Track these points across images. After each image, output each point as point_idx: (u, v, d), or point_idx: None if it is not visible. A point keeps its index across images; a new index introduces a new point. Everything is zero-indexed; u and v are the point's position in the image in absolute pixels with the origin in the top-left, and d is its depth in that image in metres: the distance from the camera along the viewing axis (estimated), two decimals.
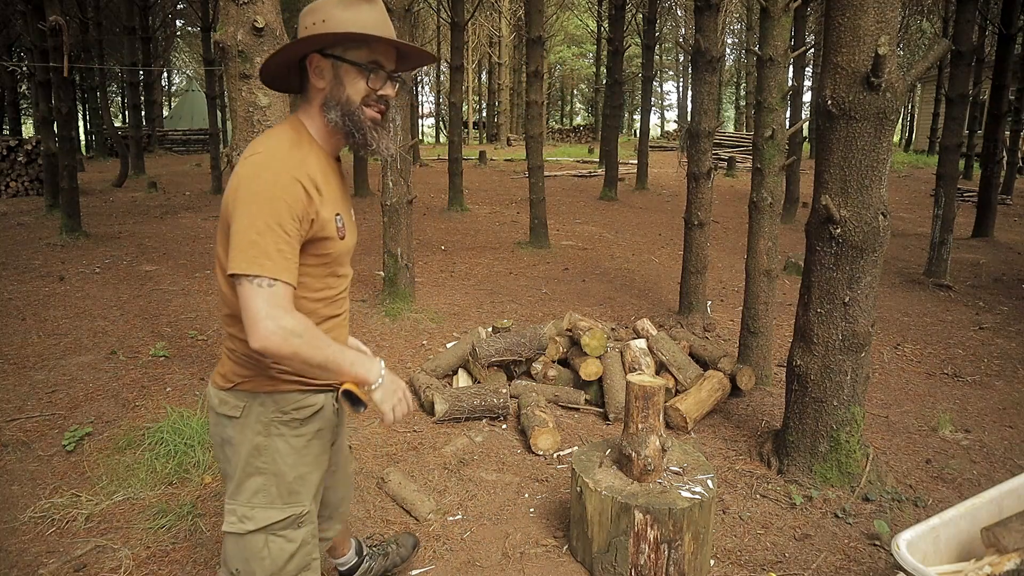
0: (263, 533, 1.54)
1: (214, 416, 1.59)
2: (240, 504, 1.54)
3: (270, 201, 1.38)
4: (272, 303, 1.36)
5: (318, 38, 1.47)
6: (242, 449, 1.53)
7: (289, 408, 1.55)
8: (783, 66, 4.21)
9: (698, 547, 2.37)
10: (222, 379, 1.57)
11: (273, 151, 1.44)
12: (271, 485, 1.54)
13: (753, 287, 4.31)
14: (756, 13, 18.50)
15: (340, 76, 1.51)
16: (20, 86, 25.62)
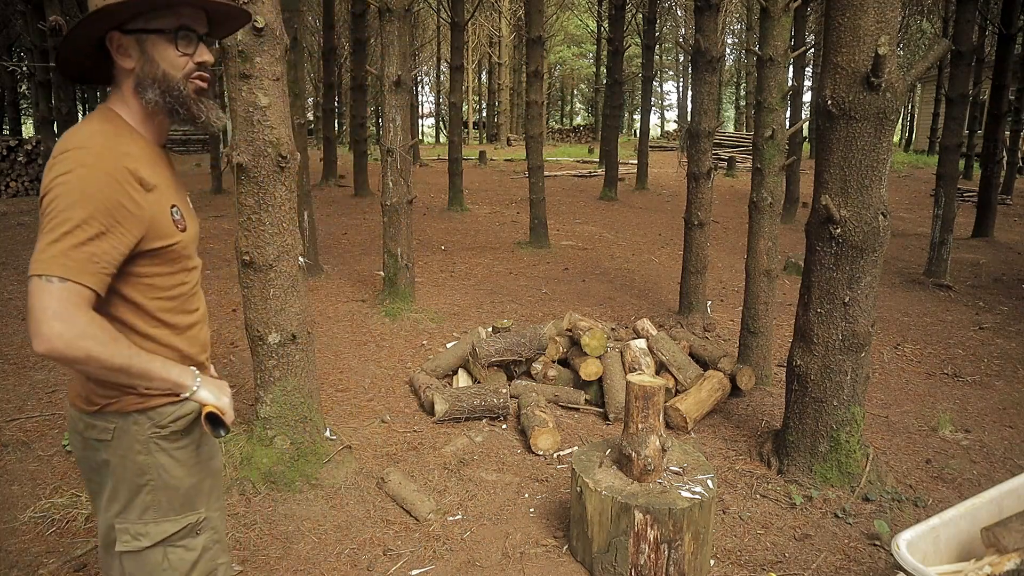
0: (160, 547, 1.46)
1: (81, 440, 1.46)
2: (131, 523, 1.44)
3: (82, 201, 1.22)
4: (63, 301, 1.20)
5: (110, 9, 1.27)
6: (122, 471, 1.42)
7: (166, 422, 1.44)
8: (783, 66, 4.21)
9: (698, 547, 2.37)
10: (84, 402, 1.43)
11: (87, 145, 1.27)
12: (161, 499, 1.45)
13: (753, 287, 4.31)
14: (756, 13, 18.50)
15: (148, 51, 1.34)
16: (20, 86, 25.62)
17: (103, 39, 1.34)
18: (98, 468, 1.46)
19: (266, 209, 2.90)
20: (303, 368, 3.13)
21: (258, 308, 2.99)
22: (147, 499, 1.44)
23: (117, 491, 1.44)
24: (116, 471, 1.43)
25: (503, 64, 32.83)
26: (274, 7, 2.85)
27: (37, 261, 1.20)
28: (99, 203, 1.23)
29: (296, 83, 6.11)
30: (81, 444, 1.47)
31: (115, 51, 1.34)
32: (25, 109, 27.44)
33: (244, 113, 2.82)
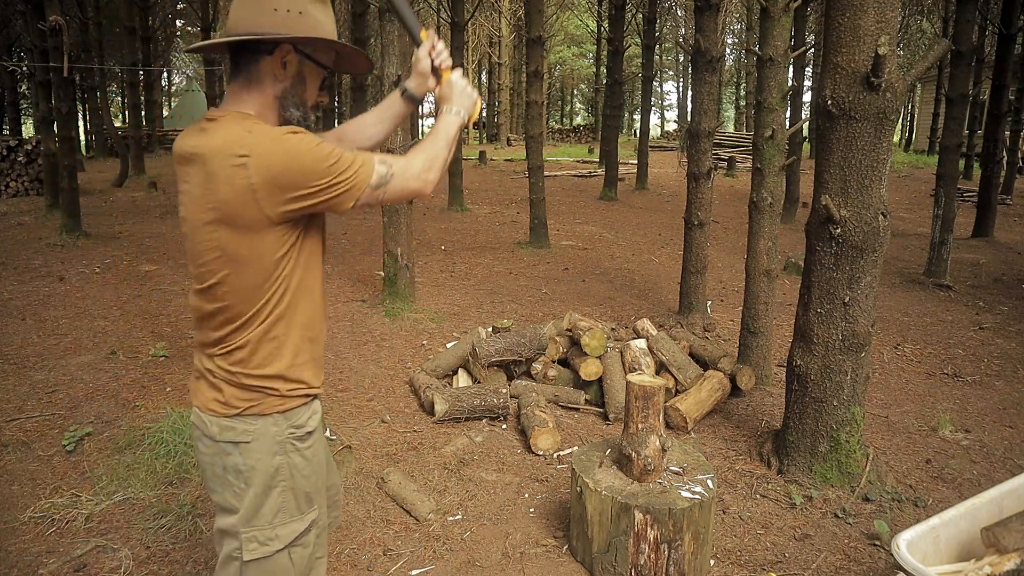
0: (287, 549, 1.50)
1: (211, 445, 1.47)
2: (260, 528, 1.46)
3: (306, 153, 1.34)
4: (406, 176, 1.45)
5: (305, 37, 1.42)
6: (257, 474, 1.46)
7: (302, 422, 1.51)
8: (783, 66, 4.21)
9: (698, 547, 2.37)
10: (222, 406, 1.46)
11: (264, 127, 1.37)
12: (290, 500, 1.50)
13: (753, 287, 4.31)
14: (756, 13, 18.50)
15: (304, 75, 1.48)
16: (20, 86, 25.63)
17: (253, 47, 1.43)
18: (223, 474, 1.47)
19: None
20: None
21: None
22: (278, 501, 1.48)
23: (243, 495, 1.46)
24: (250, 475, 1.46)
25: (503, 64, 32.82)
26: None
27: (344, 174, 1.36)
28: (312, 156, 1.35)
29: None
30: (212, 449, 1.48)
31: (277, 61, 1.43)
32: (25, 109, 27.44)
33: None
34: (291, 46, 1.43)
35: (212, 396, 1.48)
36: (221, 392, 1.46)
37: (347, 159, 1.37)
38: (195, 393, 1.52)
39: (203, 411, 1.49)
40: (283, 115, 1.47)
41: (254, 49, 1.42)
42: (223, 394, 1.46)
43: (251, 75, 1.44)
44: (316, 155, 1.34)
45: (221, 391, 1.46)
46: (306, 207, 1.37)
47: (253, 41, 1.41)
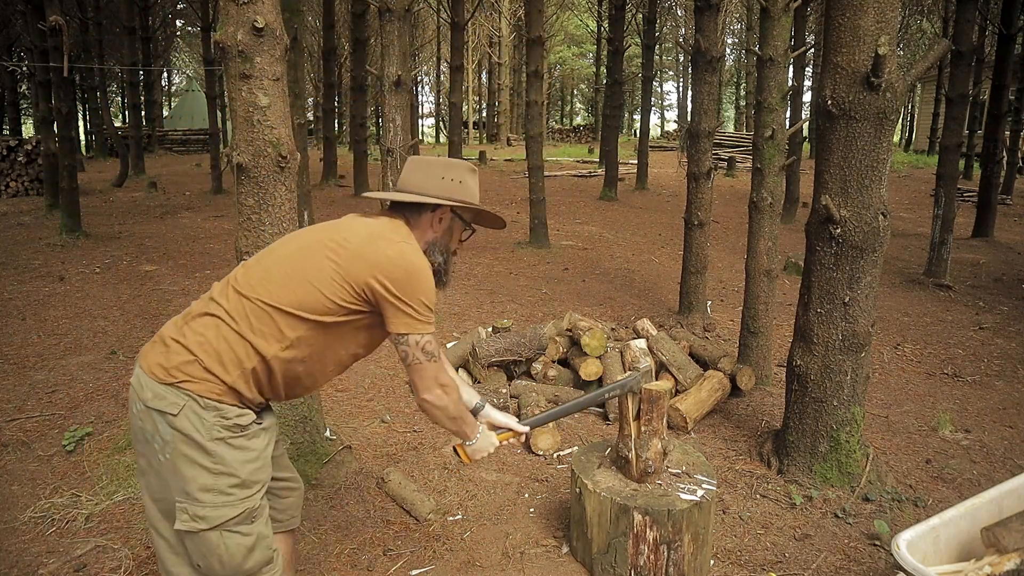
0: (217, 531, 1.56)
1: (142, 408, 1.55)
2: (191, 503, 1.54)
3: (426, 283, 1.66)
4: (441, 371, 1.71)
5: (460, 202, 1.79)
6: (183, 447, 1.53)
7: (232, 416, 1.58)
8: (783, 66, 4.21)
9: (698, 548, 2.37)
10: (163, 371, 1.54)
11: (412, 243, 1.71)
12: (222, 483, 1.56)
13: (753, 287, 4.31)
14: (756, 13, 18.49)
15: (452, 229, 1.85)
16: (20, 86, 25.62)
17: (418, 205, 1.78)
18: (151, 439, 1.55)
19: (266, 209, 2.90)
20: None
21: None
22: (208, 481, 1.55)
23: (176, 467, 1.54)
24: (176, 446, 1.53)
25: (503, 64, 32.82)
26: (274, 7, 2.85)
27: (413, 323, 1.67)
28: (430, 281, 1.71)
29: (296, 83, 6.11)
30: (142, 412, 1.56)
31: (436, 216, 1.80)
32: (25, 109, 27.43)
33: (244, 113, 2.82)
34: (448, 208, 1.80)
35: (158, 359, 1.59)
36: (170, 358, 1.59)
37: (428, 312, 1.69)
38: (146, 354, 1.64)
39: (145, 371, 1.60)
40: (428, 257, 1.76)
41: (419, 205, 1.78)
42: (171, 360, 1.58)
43: (415, 220, 1.78)
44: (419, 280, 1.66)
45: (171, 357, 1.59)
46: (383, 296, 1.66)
47: (425, 199, 1.75)
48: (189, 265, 7.13)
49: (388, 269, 1.61)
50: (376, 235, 1.66)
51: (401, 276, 1.61)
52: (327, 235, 1.68)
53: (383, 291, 1.61)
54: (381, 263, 1.61)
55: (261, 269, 1.65)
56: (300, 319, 1.60)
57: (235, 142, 2.86)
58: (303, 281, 1.60)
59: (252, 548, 1.61)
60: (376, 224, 1.71)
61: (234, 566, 1.59)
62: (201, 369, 1.55)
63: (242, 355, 1.57)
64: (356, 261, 1.61)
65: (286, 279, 1.61)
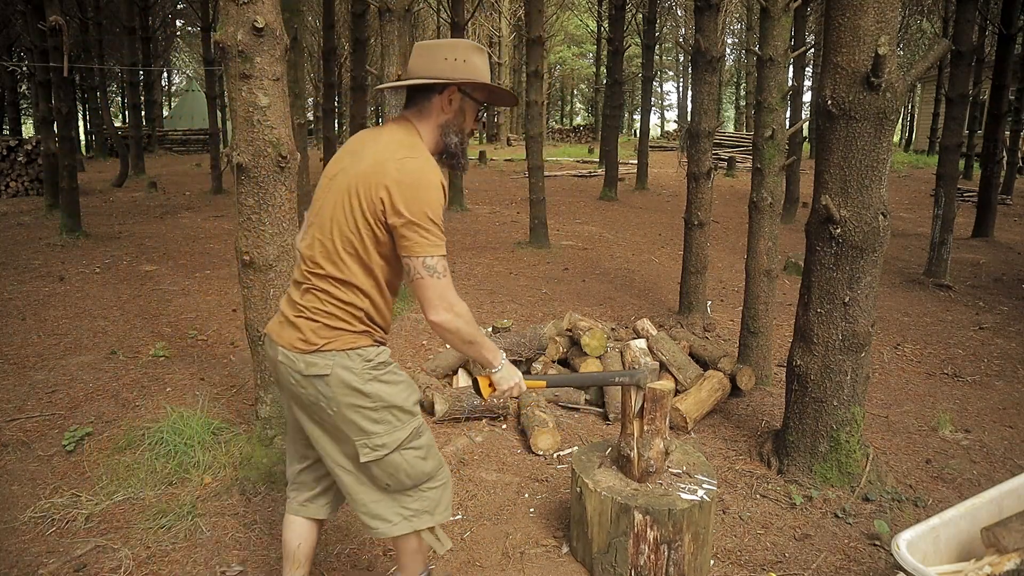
0: (397, 452, 1.83)
1: (301, 378, 1.78)
2: (368, 437, 1.80)
3: (433, 194, 1.71)
4: (447, 290, 1.73)
5: (464, 80, 1.82)
6: (345, 397, 1.76)
7: (372, 358, 1.80)
8: (783, 66, 4.21)
9: (698, 548, 2.37)
10: (303, 343, 1.77)
11: (417, 145, 1.79)
12: (387, 415, 1.82)
13: (753, 287, 4.31)
14: (756, 13, 18.49)
15: (464, 109, 1.88)
16: (20, 86, 25.61)
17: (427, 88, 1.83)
18: (315, 402, 1.79)
19: (266, 209, 2.90)
20: None
21: (258, 308, 2.99)
22: (376, 416, 1.81)
23: (345, 417, 1.79)
24: (341, 399, 1.77)
25: (503, 64, 32.80)
26: (274, 7, 2.85)
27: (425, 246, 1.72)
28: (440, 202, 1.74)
29: (296, 83, 6.11)
30: (301, 382, 1.79)
31: (445, 98, 1.84)
32: (25, 109, 27.43)
33: (244, 113, 2.82)
34: (456, 87, 1.83)
35: (294, 335, 1.82)
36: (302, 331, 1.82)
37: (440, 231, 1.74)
38: (278, 335, 1.86)
39: (288, 349, 1.82)
40: (443, 140, 1.87)
41: (427, 89, 1.83)
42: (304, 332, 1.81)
43: (423, 108, 1.85)
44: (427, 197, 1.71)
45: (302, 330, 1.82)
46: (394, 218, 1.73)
47: (428, 83, 1.81)
48: (189, 265, 7.13)
49: (393, 187, 1.69)
50: (385, 154, 1.74)
51: (404, 192, 1.69)
52: (356, 159, 1.79)
53: (391, 209, 1.69)
54: (387, 182, 1.70)
55: (328, 209, 1.79)
56: (367, 240, 1.74)
57: (235, 142, 2.86)
58: (351, 205, 1.73)
59: (426, 457, 1.90)
60: (389, 138, 1.80)
61: (416, 474, 1.89)
62: (330, 329, 1.76)
63: (349, 304, 1.77)
64: (372, 182, 1.71)
65: (346, 207, 1.74)
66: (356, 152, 1.81)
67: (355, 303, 1.77)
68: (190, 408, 3.45)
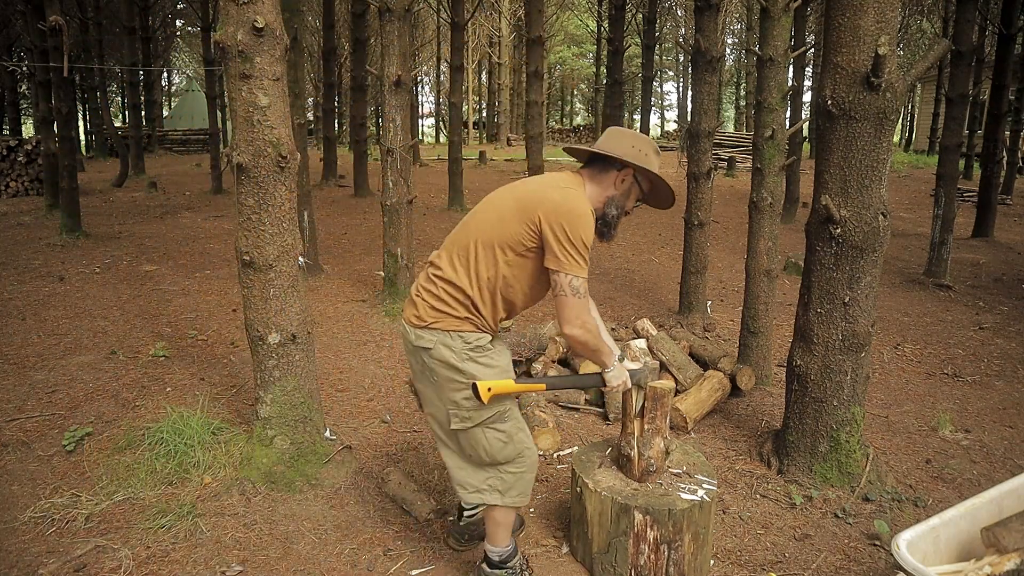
0: (480, 428, 2.12)
1: (412, 348, 2.14)
2: (457, 409, 2.10)
3: (586, 227, 2.01)
4: (585, 307, 2.04)
5: (643, 168, 2.16)
6: (442, 371, 2.08)
7: (472, 340, 2.09)
8: (783, 66, 4.21)
9: (698, 548, 2.37)
10: (417, 319, 2.11)
11: (581, 194, 2.11)
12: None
13: (753, 287, 4.31)
14: (756, 13, 18.48)
15: (629, 191, 2.22)
16: (20, 86, 25.61)
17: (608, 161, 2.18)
18: (423, 370, 2.14)
19: (266, 209, 2.90)
20: (303, 368, 3.13)
21: (258, 308, 2.99)
22: (464, 392, 2.08)
23: (442, 387, 2.11)
24: (438, 371, 2.09)
25: (503, 64, 32.82)
26: (274, 7, 2.85)
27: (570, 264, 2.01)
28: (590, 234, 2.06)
29: (296, 83, 6.11)
30: (412, 351, 2.16)
31: (620, 176, 2.18)
32: (25, 109, 27.42)
33: (244, 113, 2.82)
34: (632, 170, 2.17)
35: (412, 311, 2.17)
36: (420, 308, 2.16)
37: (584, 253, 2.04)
38: (406, 308, 2.23)
39: (406, 322, 2.19)
40: (605, 209, 2.19)
41: (609, 162, 2.18)
42: (420, 311, 2.16)
43: (599, 176, 2.19)
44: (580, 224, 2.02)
45: (420, 308, 2.16)
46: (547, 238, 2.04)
47: (613, 159, 2.15)
48: (189, 265, 7.13)
49: (552, 210, 1.99)
50: (551, 184, 2.08)
51: (563, 217, 1.98)
52: (515, 188, 2.16)
53: (549, 232, 1.98)
54: (547, 205, 2.00)
55: (473, 223, 2.15)
56: (499, 251, 2.05)
57: (235, 142, 2.86)
58: (497, 220, 2.07)
59: (506, 442, 2.15)
60: (555, 175, 2.17)
61: (493, 454, 2.14)
62: (439, 313, 2.08)
63: (460, 295, 2.07)
64: (532, 204, 2.02)
65: (487, 218, 2.11)
66: (515, 186, 2.16)
67: (460, 294, 2.08)
68: (190, 408, 3.45)
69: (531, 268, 2.09)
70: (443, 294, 2.09)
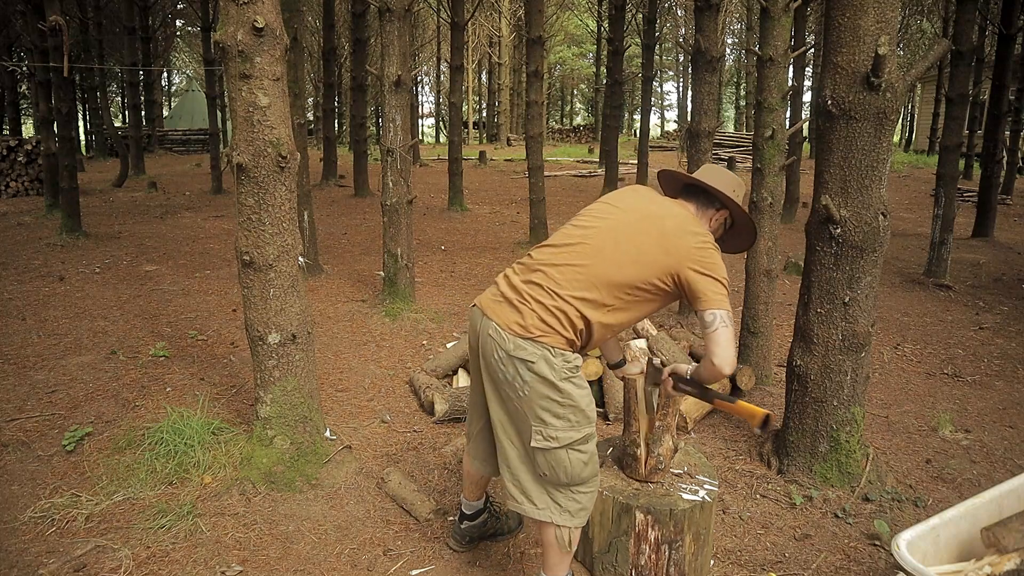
0: (565, 449, 2.04)
1: (505, 356, 2.01)
2: (546, 428, 2.02)
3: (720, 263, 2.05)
4: (732, 340, 2.00)
5: (741, 211, 2.25)
6: (539, 386, 1.99)
7: (572, 360, 2.03)
8: (783, 66, 4.21)
9: (699, 548, 2.37)
10: (522, 328, 2.00)
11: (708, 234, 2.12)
12: (570, 414, 2.03)
13: (753, 287, 4.31)
14: (756, 13, 18.48)
15: (717, 231, 2.27)
16: (20, 86, 25.59)
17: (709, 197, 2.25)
18: (510, 380, 2.02)
19: (266, 209, 2.90)
20: (303, 368, 3.13)
21: (258, 308, 2.99)
22: (560, 411, 2.02)
23: (532, 402, 2.01)
24: (533, 387, 2.00)
25: (503, 64, 32.83)
26: (274, 7, 2.85)
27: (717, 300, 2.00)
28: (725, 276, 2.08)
29: (296, 83, 6.11)
30: (504, 358, 2.02)
31: (719, 214, 2.25)
32: (25, 109, 27.41)
33: (244, 113, 2.82)
34: (729, 212, 2.24)
35: (515, 319, 2.05)
36: (527, 318, 2.04)
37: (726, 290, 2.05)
38: (498, 315, 2.09)
39: (502, 328, 2.05)
40: None
41: (712, 199, 2.24)
42: (527, 320, 2.04)
43: (702, 210, 2.24)
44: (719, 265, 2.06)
45: (528, 318, 2.04)
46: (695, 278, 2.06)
47: (719, 196, 2.22)
48: (189, 265, 7.13)
49: (699, 260, 2.02)
50: (685, 228, 2.07)
51: (708, 264, 2.02)
52: (646, 218, 2.10)
53: (697, 276, 2.00)
54: (694, 256, 2.02)
55: (594, 245, 2.06)
56: (624, 292, 2.03)
57: (235, 142, 2.86)
58: (632, 262, 2.02)
59: (587, 463, 2.08)
60: (679, 212, 2.13)
61: (573, 475, 2.07)
62: (548, 328, 1.99)
63: (574, 317, 2.01)
64: (673, 252, 2.02)
65: (618, 257, 2.03)
66: (653, 219, 2.09)
67: (577, 318, 2.02)
68: (190, 408, 3.45)
69: (647, 308, 2.11)
70: (556, 311, 2.01)
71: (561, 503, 2.10)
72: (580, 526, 2.14)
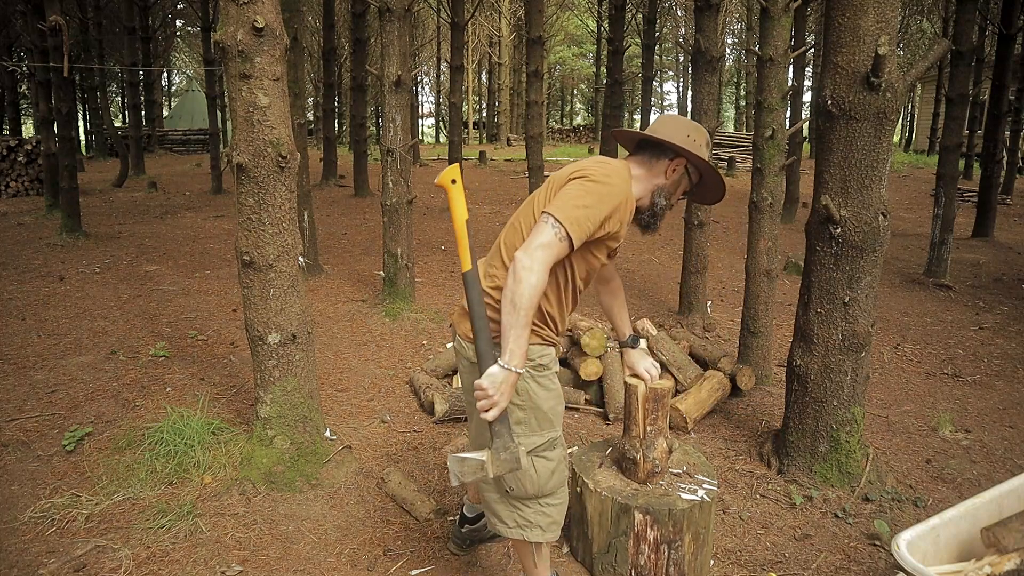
0: (528, 456, 1.90)
1: (468, 365, 1.96)
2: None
3: (604, 197, 1.84)
4: (550, 251, 1.76)
5: (698, 158, 2.02)
6: None
7: (535, 357, 1.91)
8: (783, 66, 4.21)
9: (698, 548, 2.37)
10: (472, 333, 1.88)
11: (622, 173, 1.95)
12: (530, 417, 1.92)
13: (753, 287, 4.31)
14: (756, 13, 18.49)
15: (679, 182, 2.08)
16: (20, 86, 25.59)
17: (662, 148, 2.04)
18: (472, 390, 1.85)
19: (266, 209, 2.90)
20: (303, 368, 3.13)
21: (258, 308, 2.99)
22: (519, 415, 1.90)
23: None
24: None
25: (503, 64, 32.82)
26: (274, 7, 2.85)
27: (560, 210, 1.79)
28: (610, 208, 1.85)
29: (296, 83, 6.11)
30: (468, 368, 1.97)
31: (672, 165, 2.04)
32: (25, 109, 27.41)
33: (244, 113, 2.82)
34: (684, 160, 2.03)
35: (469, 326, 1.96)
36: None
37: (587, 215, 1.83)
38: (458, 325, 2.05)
39: (461, 338, 2.01)
40: (654, 198, 2.05)
41: (663, 150, 2.04)
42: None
43: (650, 163, 2.05)
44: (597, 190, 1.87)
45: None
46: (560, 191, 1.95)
47: (668, 145, 2.01)
48: (189, 265, 7.13)
49: (582, 170, 1.90)
50: (569, 171, 1.95)
51: (588, 175, 1.87)
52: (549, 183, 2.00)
53: (559, 193, 1.86)
54: (579, 168, 1.91)
55: (508, 224, 2.03)
56: None
57: (235, 142, 2.86)
58: (528, 217, 1.95)
59: (553, 471, 1.97)
60: (599, 156, 2.03)
61: (539, 485, 1.95)
62: (497, 324, 1.82)
63: None
64: (554, 189, 1.93)
65: (522, 221, 1.97)
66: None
67: None
68: (190, 408, 3.45)
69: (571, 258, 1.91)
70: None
71: (531, 518, 1.99)
72: (551, 540, 2.05)
